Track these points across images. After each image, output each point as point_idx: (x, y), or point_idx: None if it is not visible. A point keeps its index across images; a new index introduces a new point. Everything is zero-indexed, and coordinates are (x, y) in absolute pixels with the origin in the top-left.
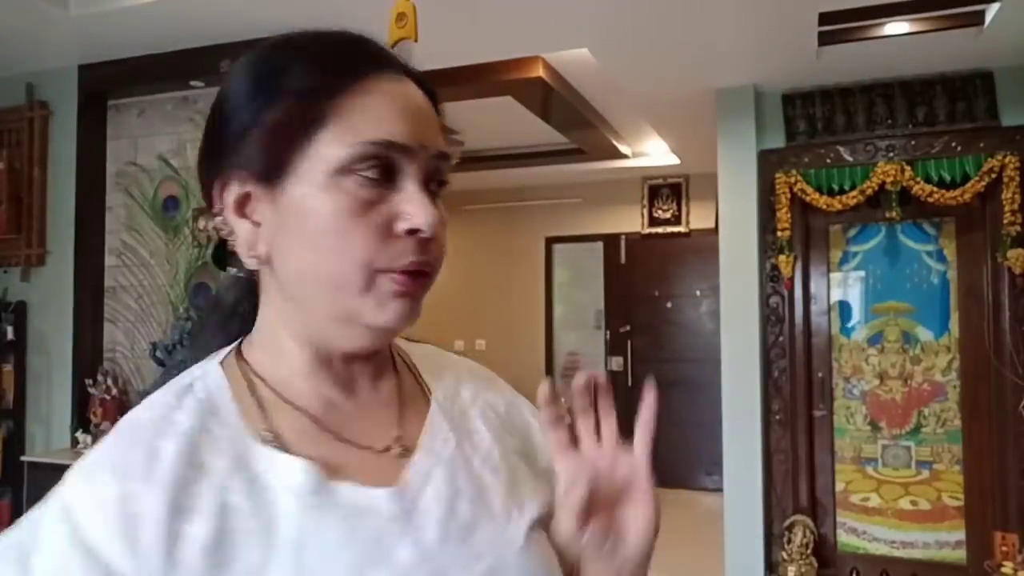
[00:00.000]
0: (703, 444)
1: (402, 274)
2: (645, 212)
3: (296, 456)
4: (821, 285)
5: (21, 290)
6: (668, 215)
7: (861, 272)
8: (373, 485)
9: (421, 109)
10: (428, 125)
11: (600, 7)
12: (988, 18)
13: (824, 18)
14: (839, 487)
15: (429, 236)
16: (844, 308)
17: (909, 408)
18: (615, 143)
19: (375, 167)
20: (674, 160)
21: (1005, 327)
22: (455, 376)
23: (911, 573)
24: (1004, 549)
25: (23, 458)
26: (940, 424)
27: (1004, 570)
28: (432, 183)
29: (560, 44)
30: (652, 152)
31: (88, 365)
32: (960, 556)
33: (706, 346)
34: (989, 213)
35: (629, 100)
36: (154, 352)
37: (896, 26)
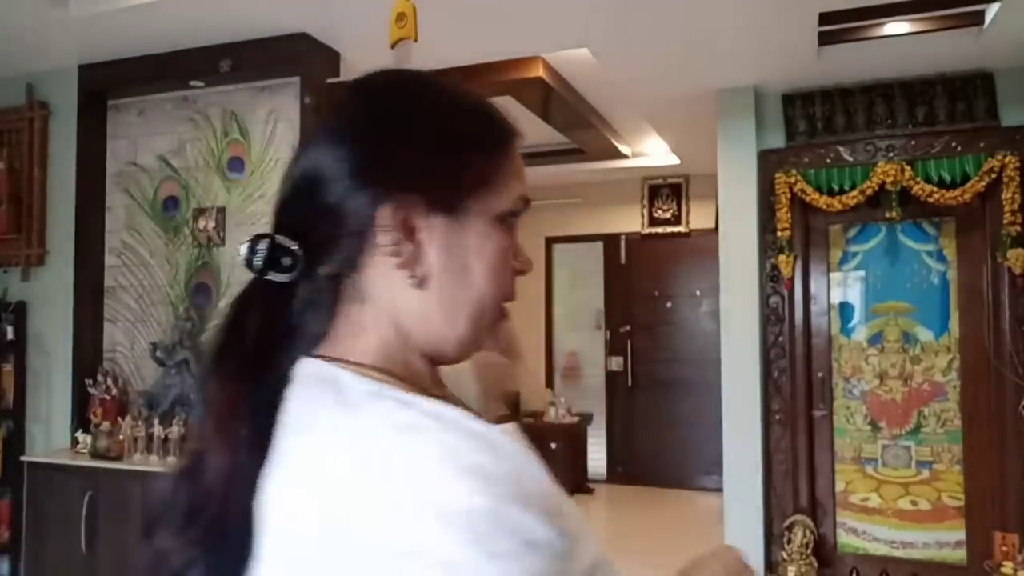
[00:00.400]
0: (703, 444)
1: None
2: (645, 212)
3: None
4: (821, 285)
5: (21, 290)
6: (668, 215)
7: (861, 272)
8: None
9: None
10: None
11: (600, 7)
12: (988, 18)
13: (824, 18)
14: (839, 487)
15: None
16: (844, 308)
17: (909, 408)
18: (615, 143)
19: (516, 217)
20: (674, 160)
21: (1005, 327)
22: None
23: (911, 573)
24: (1004, 549)
25: (23, 458)
26: (940, 424)
27: (1004, 570)
28: None
29: (560, 44)
30: (652, 152)
31: (88, 365)
32: (960, 556)
33: (706, 346)
34: (989, 213)
35: (629, 100)
36: (154, 352)
37: (896, 26)
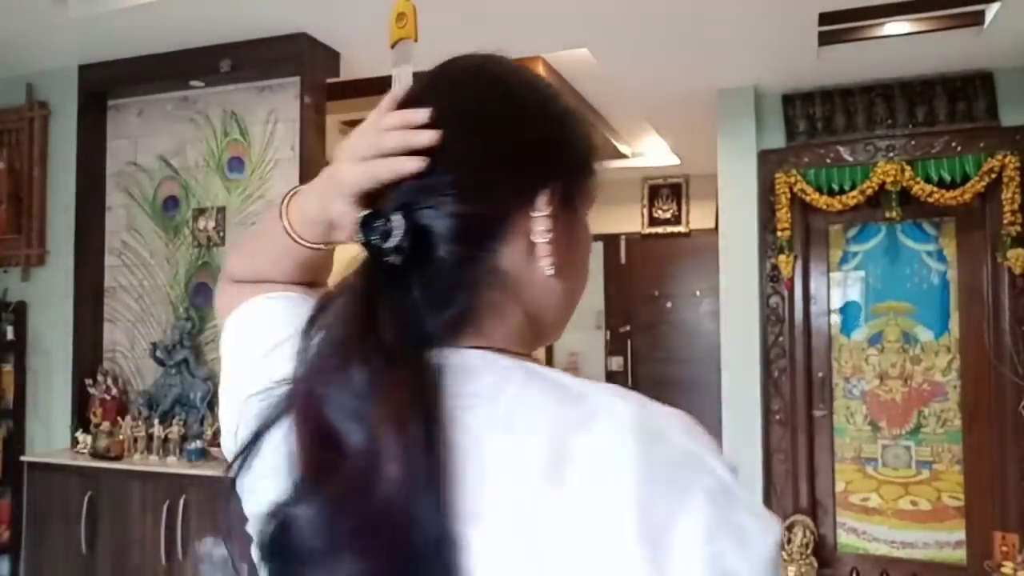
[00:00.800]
0: None
1: None
2: (645, 212)
3: None
4: (821, 285)
5: (21, 290)
6: (668, 215)
7: (861, 272)
8: None
9: None
10: None
11: (600, 7)
12: (988, 18)
13: (824, 18)
14: (839, 487)
15: None
16: (844, 308)
17: (909, 408)
18: (615, 143)
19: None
20: (674, 160)
21: (1005, 327)
22: None
23: (911, 573)
24: (1004, 549)
25: (23, 458)
26: (940, 424)
27: (1004, 570)
28: None
29: (560, 44)
30: (652, 152)
31: (88, 365)
32: (960, 556)
33: (706, 346)
34: (989, 213)
35: (629, 100)
36: (154, 352)
37: (896, 26)
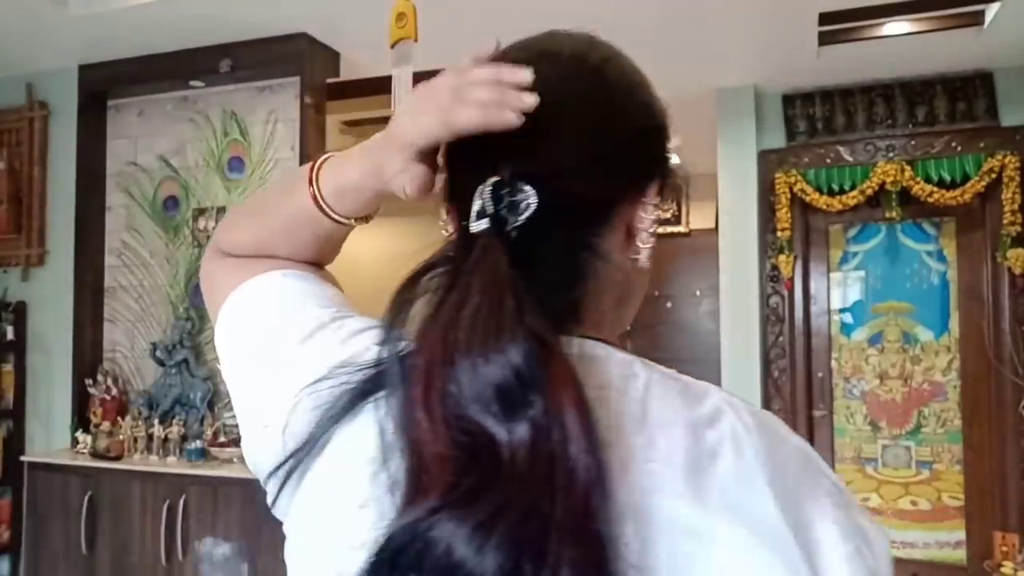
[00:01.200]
0: None
1: None
2: None
3: None
4: (821, 285)
5: (21, 290)
6: (668, 215)
7: (861, 272)
8: None
9: None
10: None
11: (599, 6)
12: (988, 18)
13: (824, 18)
14: None
15: None
16: (844, 308)
17: (909, 408)
18: None
19: None
20: (674, 160)
21: (1005, 327)
22: None
23: (911, 573)
24: (1004, 549)
25: (23, 458)
26: (940, 424)
27: (1004, 570)
28: None
29: None
30: None
31: (88, 365)
32: (960, 556)
33: (706, 346)
34: (989, 213)
35: None
36: (154, 352)
37: (896, 26)
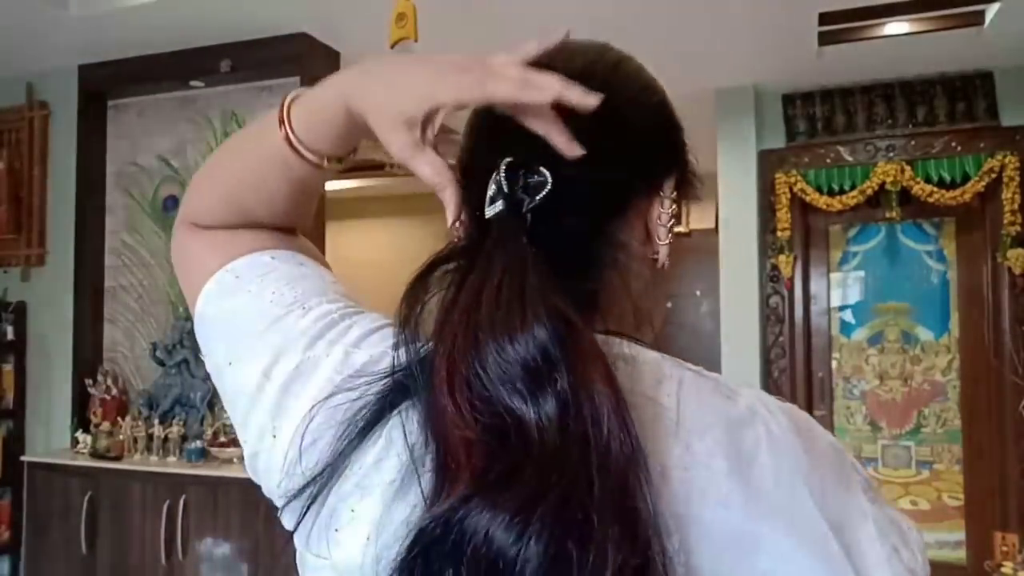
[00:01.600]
0: None
1: None
2: None
3: None
4: (821, 285)
5: (21, 290)
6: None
7: (861, 272)
8: None
9: None
10: None
11: (600, 7)
12: (988, 18)
13: (824, 18)
14: None
15: None
16: (844, 308)
17: (909, 408)
18: None
19: None
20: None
21: (1005, 327)
22: None
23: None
24: (1004, 549)
25: (23, 458)
26: (940, 424)
27: (1004, 570)
28: None
29: None
30: None
31: (88, 365)
32: (960, 556)
33: (706, 346)
34: (989, 213)
35: None
36: (154, 352)
37: (896, 26)
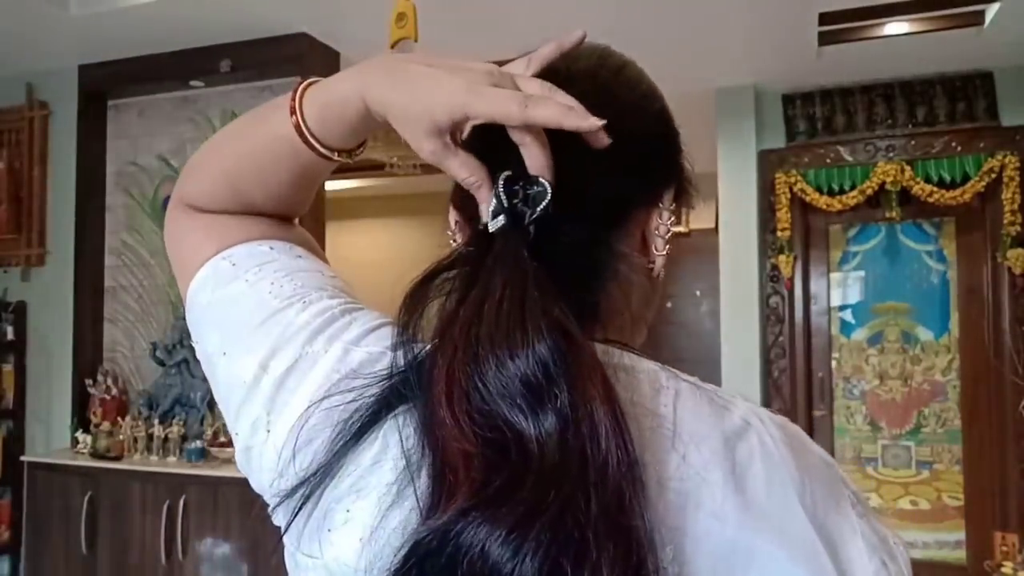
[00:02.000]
0: None
1: None
2: None
3: None
4: (821, 285)
5: (21, 290)
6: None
7: (861, 272)
8: None
9: None
10: None
11: (600, 7)
12: (988, 18)
13: (824, 18)
14: None
15: None
16: (844, 308)
17: (909, 408)
18: None
19: None
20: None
21: (1005, 327)
22: None
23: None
24: (1004, 549)
25: (23, 458)
26: (940, 424)
27: (1004, 570)
28: None
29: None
30: None
31: (88, 365)
32: (960, 556)
33: (706, 346)
34: (989, 213)
35: None
36: (154, 352)
37: (896, 26)
